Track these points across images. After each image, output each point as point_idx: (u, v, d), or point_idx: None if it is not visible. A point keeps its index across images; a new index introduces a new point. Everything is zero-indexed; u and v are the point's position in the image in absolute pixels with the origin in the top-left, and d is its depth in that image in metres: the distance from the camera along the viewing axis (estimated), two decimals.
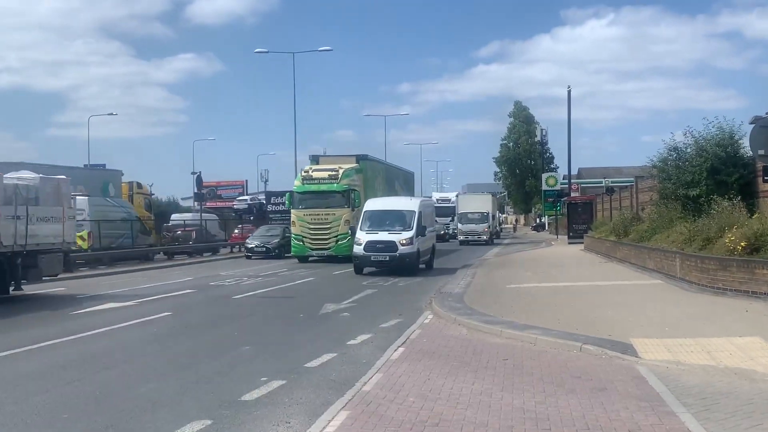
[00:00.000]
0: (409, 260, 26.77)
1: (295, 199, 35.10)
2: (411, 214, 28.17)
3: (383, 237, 27.13)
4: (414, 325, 14.50)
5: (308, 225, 34.32)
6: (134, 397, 9.06)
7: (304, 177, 35.04)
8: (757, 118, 16.20)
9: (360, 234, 27.68)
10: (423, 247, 28.42)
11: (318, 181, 34.53)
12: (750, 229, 17.03)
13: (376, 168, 40.66)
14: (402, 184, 47.38)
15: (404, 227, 27.51)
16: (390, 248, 26.69)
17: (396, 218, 28.21)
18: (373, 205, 29.71)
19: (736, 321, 13.39)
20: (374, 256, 26.88)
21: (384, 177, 41.73)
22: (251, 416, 8.09)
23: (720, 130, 23.46)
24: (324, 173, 34.68)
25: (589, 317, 14.29)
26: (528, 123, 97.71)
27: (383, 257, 26.78)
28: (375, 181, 38.98)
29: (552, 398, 8.58)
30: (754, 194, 22.03)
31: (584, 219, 46.80)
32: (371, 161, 39.43)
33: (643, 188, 32.89)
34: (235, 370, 10.62)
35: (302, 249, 34.72)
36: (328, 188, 34.24)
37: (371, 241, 27.01)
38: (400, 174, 48.83)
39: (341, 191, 34.11)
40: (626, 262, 27.56)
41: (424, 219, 29.18)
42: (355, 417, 7.85)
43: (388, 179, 42.64)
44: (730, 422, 7.44)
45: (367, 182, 37.03)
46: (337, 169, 34.85)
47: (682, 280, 19.61)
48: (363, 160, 37.76)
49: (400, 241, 26.80)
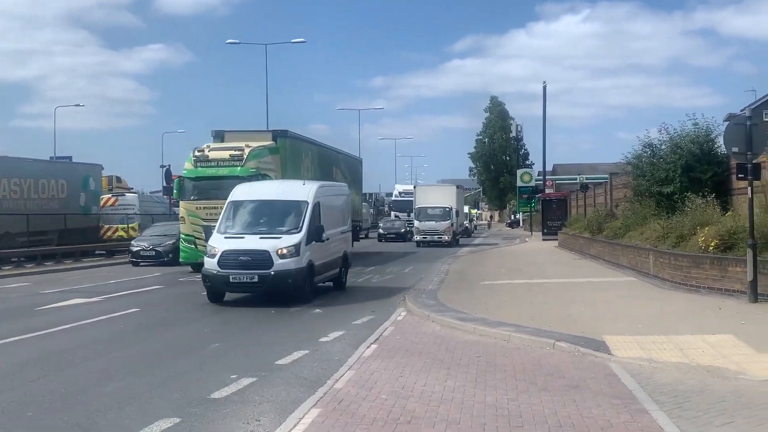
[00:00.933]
0: (292, 281, 17.08)
1: (185, 188, 26.19)
2: (299, 208, 18.28)
3: (250, 244, 17.49)
4: (387, 322, 14.41)
5: (202, 222, 25.04)
6: (101, 395, 8.89)
7: (198, 158, 26.04)
8: (732, 115, 16.25)
9: (215, 239, 17.87)
10: (321, 258, 18.67)
11: (216, 164, 25.67)
12: (723, 226, 17.10)
13: (301, 148, 31.70)
14: (344, 172, 38.58)
15: (289, 228, 17.96)
16: (261, 262, 17.02)
17: (276, 213, 18.59)
18: (241, 194, 19.34)
19: (709, 318, 13.43)
20: (234, 276, 17.02)
21: (315, 161, 33.32)
22: (220, 414, 7.96)
23: (696, 127, 23.58)
24: (224, 153, 25.97)
25: (562, 314, 14.28)
26: (503, 119, 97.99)
27: (249, 278, 16.98)
28: (299, 164, 30.54)
29: (524, 395, 8.52)
30: (728, 192, 22.16)
31: (558, 215, 46.94)
32: (294, 139, 30.65)
33: (618, 185, 33.00)
34: (204, 368, 10.47)
35: (193, 254, 25.30)
36: (228, 173, 25.20)
37: (231, 251, 17.23)
38: (341, 159, 39.48)
39: (246, 176, 24.31)
40: (600, 258, 27.64)
41: (327, 215, 19.38)
42: (326, 415, 7.74)
43: (322, 164, 34.22)
44: (702, 420, 7.41)
45: (286, 166, 28.60)
46: (242, 147, 26.09)
47: (655, 278, 19.68)
48: (282, 138, 29.26)
49: (277, 250, 17.15)
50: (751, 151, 15.07)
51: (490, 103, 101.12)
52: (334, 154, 38.16)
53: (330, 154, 36.90)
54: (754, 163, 15.21)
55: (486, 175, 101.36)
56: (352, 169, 41.26)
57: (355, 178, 41.61)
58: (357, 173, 42.95)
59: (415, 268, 28.63)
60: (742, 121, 15.20)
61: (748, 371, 9.38)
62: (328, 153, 36.72)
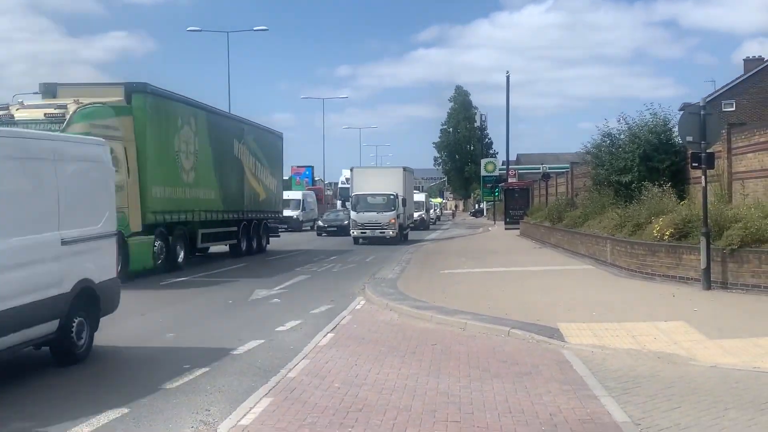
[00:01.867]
0: None
1: None
2: None
3: None
4: (345, 311, 14.37)
5: None
6: (49, 386, 8.78)
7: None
8: (686, 104, 16.47)
9: None
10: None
11: (24, 127, 15.92)
12: (678, 215, 17.31)
13: (176, 112, 23.17)
14: (254, 150, 30.53)
15: None
16: None
17: None
18: None
19: (662, 306, 13.59)
20: None
21: (202, 131, 24.97)
22: (170, 404, 7.89)
23: (654, 116, 23.86)
24: (38, 112, 18.21)
25: (519, 302, 14.37)
26: (467, 108, 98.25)
27: None
28: (171, 133, 22.74)
29: (477, 383, 8.56)
30: (684, 181, 22.47)
31: (521, 205, 47.22)
32: (159, 97, 22.09)
33: (578, 174, 33.29)
34: (156, 358, 10.38)
35: None
36: None
37: None
38: (248, 132, 30.27)
39: None
40: (559, 247, 27.87)
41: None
42: (278, 404, 7.71)
43: (214, 137, 25.95)
44: (650, 405, 7.50)
45: (145, 133, 20.82)
46: (65, 105, 18.42)
47: (612, 266, 19.88)
48: (139, 94, 20.96)
49: None
50: (705, 140, 15.26)
51: (454, 93, 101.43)
52: (237, 124, 29.51)
53: (229, 125, 28.43)
54: (707, 152, 15.40)
55: (451, 165, 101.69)
56: (266, 147, 32.52)
57: (272, 159, 33.60)
58: (274, 152, 34.20)
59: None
60: (696, 111, 15.38)
61: (697, 357, 9.51)
62: (226, 123, 28.22)
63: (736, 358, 9.38)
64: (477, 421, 7.10)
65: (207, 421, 7.29)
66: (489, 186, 62.95)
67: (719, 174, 18.84)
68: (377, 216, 36.83)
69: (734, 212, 15.84)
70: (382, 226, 36.71)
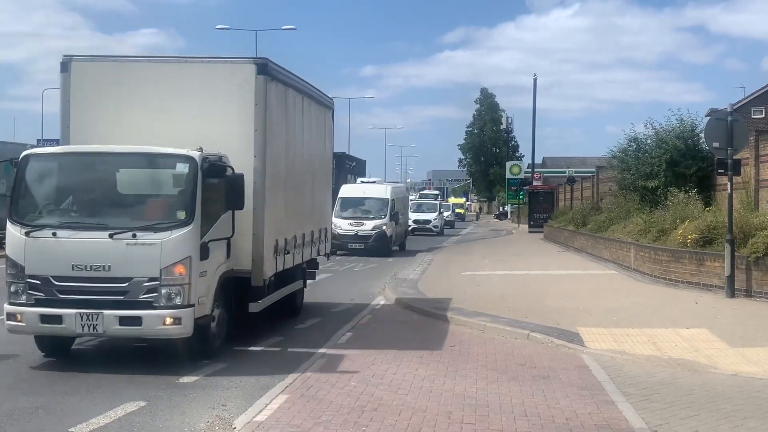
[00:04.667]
0: None
1: None
2: None
3: None
4: (365, 310, 14.38)
5: None
6: (68, 378, 8.84)
7: None
8: (713, 110, 16.30)
9: None
10: None
11: None
12: (703, 221, 17.12)
13: None
14: None
15: None
16: None
17: None
18: None
19: (684, 312, 13.46)
20: None
21: None
22: (187, 398, 7.94)
23: (681, 122, 23.60)
24: None
25: (539, 306, 14.28)
26: (494, 110, 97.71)
27: None
28: None
29: (494, 385, 8.53)
30: (711, 187, 22.21)
31: (545, 208, 46.89)
32: None
33: (604, 179, 33.02)
34: (176, 354, 10.41)
35: None
36: None
37: None
38: None
39: None
40: (583, 251, 27.68)
41: None
42: (294, 401, 7.73)
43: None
44: (668, 412, 7.44)
45: None
46: None
47: (635, 271, 19.72)
48: None
49: None
50: (732, 146, 15.10)
51: (480, 95, 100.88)
52: None
53: None
54: (734, 159, 15.23)
55: (476, 167, 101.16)
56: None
57: None
58: None
59: None
60: (723, 117, 15.22)
61: (718, 365, 9.42)
62: None
63: (757, 367, 9.28)
64: (492, 423, 7.08)
65: (223, 416, 7.32)
66: (514, 189, 62.49)
67: (746, 181, 18.60)
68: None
69: (760, 220, 15.65)
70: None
